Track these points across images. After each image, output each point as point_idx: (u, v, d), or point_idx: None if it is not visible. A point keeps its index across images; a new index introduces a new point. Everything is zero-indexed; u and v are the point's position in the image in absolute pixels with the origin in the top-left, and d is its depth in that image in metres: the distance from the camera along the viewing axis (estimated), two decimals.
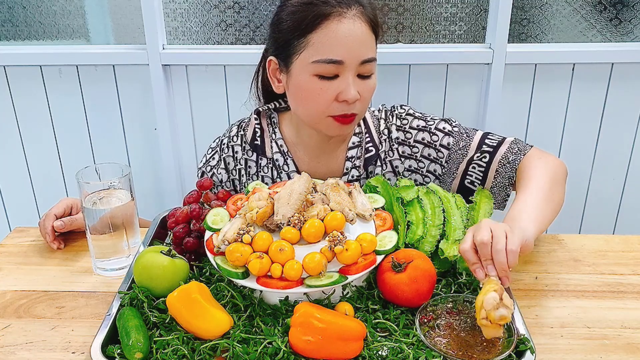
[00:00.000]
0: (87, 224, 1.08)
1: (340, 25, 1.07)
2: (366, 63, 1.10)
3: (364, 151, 1.23)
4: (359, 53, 1.08)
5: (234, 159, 1.28)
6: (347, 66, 1.08)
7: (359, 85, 1.10)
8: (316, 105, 1.12)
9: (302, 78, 1.11)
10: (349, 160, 1.24)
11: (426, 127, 1.22)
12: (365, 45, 1.09)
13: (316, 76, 1.09)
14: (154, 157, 1.93)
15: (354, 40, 1.08)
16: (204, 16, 1.79)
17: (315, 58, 1.08)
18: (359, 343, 0.82)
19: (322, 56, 1.07)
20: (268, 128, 1.26)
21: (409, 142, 1.23)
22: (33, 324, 0.97)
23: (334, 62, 1.07)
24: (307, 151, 1.25)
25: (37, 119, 1.89)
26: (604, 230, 2.01)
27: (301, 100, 1.14)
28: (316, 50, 1.08)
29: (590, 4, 1.76)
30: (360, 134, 1.24)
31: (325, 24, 1.07)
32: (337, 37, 1.07)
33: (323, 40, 1.07)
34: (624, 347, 0.89)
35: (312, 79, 1.09)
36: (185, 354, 0.83)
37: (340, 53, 1.07)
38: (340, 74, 1.09)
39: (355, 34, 1.08)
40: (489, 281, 0.85)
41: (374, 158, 1.23)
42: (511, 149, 1.18)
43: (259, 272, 0.87)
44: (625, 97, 1.82)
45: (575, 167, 1.91)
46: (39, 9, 1.81)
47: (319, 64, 1.08)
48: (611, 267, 1.10)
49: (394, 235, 0.95)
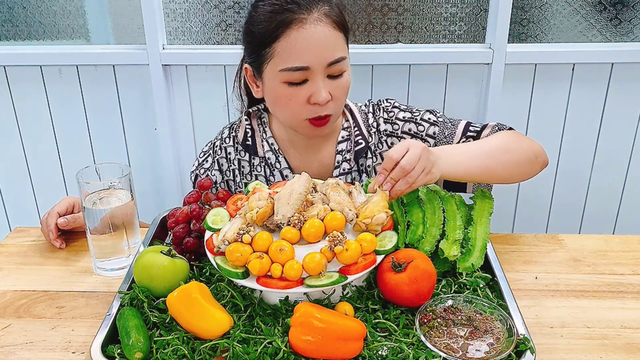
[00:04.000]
0: (87, 224, 1.08)
1: (302, 31, 1.07)
2: (334, 64, 1.10)
3: (354, 144, 1.24)
4: (324, 56, 1.09)
5: (227, 160, 1.29)
6: (314, 70, 1.09)
7: (329, 86, 1.11)
8: (290, 110, 1.13)
9: (273, 86, 1.12)
10: (339, 153, 1.25)
11: (412, 118, 1.24)
12: (330, 47, 1.09)
13: (285, 83, 1.10)
14: (154, 157, 1.93)
15: (317, 44, 1.08)
16: (204, 16, 1.79)
17: (282, 67, 1.09)
18: (359, 343, 0.82)
19: (288, 64, 1.08)
20: (259, 128, 1.28)
21: (397, 133, 1.25)
22: (33, 324, 0.97)
23: (300, 69, 1.08)
24: (297, 148, 1.27)
25: (37, 119, 1.89)
26: (604, 230, 2.01)
27: (276, 106, 1.17)
28: (282, 58, 1.09)
29: (590, 4, 1.76)
30: (348, 128, 1.26)
31: (287, 32, 1.08)
32: (299, 45, 1.08)
33: (287, 49, 1.08)
34: (624, 347, 0.89)
35: (282, 86, 1.11)
36: (185, 354, 0.83)
37: (305, 59, 1.08)
38: (309, 78, 1.10)
39: (318, 38, 1.08)
40: (384, 197, 0.95)
41: (364, 150, 1.24)
42: (493, 130, 1.21)
43: (259, 272, 0.87)
44: (625, 97, 1.82)
45: (575, 167, 1.91)
46: (39, 9, 1.81)
47: (286, 72, 1.09)
48: (611, 267, 1.10)
49: (394, 235, 0.95)
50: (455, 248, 0.99)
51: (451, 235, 1.01)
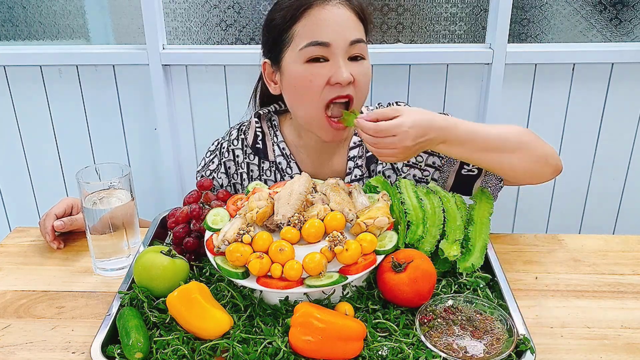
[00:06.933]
0: (87, 224, 1.08)
1: (323, 10, 1.09)
2: (355, 44, 1.10)
3: (366, 150, 1.23)
4: (344, 34, 1.09)
5: (235, 163, 1.27)
6: (335, 48, 1.09)
7: (351, 67, 1.10)
8: (310, 93, 1.11)
9: (293, 68, 1.12)
10: (351, 160, 1.23)
11: None
12: (350, 27, 1.10)
13: (306, 63, 1.10)
14: (154, 157, 1.93)
15: (338, 22, 1.09)
16: (204, 16, 1.79)
17: (303, 44, 1.09)
18: (359, 343, 0.82)
19: (309, 39, 1.09)
20: (269, 131, 1.26)
21: None
22: (33, 324, 0.97)
23: (321, 44, 1.08)
24: (309, 153, 1.25)
25: (37, 119, 1.89)
26: (604, 230, 2.01)
27: (295, 92, 1.14)
28: (302, 37, 1.09)
29: (590, 4, 1.76)
30: None
31: (308, 12, 1.09)
32: (320, 21, 1.09)
33: (308, 27, 1.09)
34: (624, 347, 0.89)
35: (302, 67, 1.10)
36: (185, 354, 0.83)
37: (326, 35, 1.08)
38: (329, 57, 1.10)
39: (339, 16, 1.10)
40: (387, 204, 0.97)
41: (375, 157, 1.23)
42: None
43: (259, 272, 0.87)
44: (625, 97, 1.82)
45: (575, 167, 1.91)
46: (39, 9, 1.81)
47: (307, 48, 1.09)
48: (611, 267, 1.10)
49: (394, 235, 0.95)
50: (455, 248, 0.99)
51: (451, 235, 1.01)
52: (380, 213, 0.93)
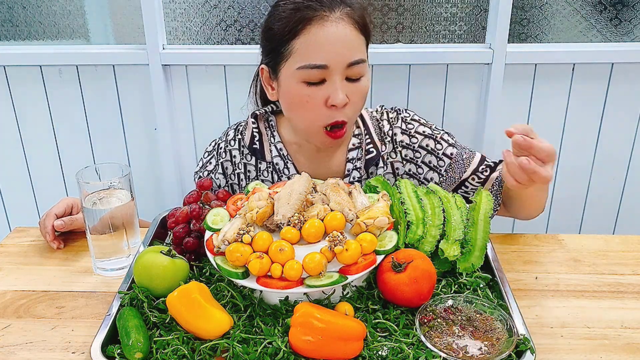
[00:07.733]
0: (87, 224, 1.08)
1: (323, 29, 1.05)
2: (353, 65, 1.07)
3: (365, 152, 1.23)
4: (343, 56, 1.06)
5: (232, 164, 1.27)
6: (333, 70, 1.06)
7: (347, 88, 1.09)
8: (306, 113, 1.11)
9: (290, 85, 1.10)
10: (349, 162, 1.23)
11: (432, 134, 1.23)
12: (350, 47, 1.07)
13: (303, 83, 1.08)
14: (154, 157, 1.93)
15: (337, 43, 1.06)
16: (204, 16, 1.79)
17: (300, 64, 1.06)
18: (359, 343, 0.82)
19: (306, 62, 1.06)
20: (266, 131, 1.25)
21: (414, 146, 1.23)
22: (33, 324, 0.97)
23: (318, 67, 1.06)
24: (307, 154, 1.25)
25: (37, 119, 1.89)
26: (604, 230, 2.01)
27: (292, 108, 1.14)
28: (300, 56, 1.06)
29: (590, 4, 1.76)
30: (359, 135, 1.24)
31: (307, 29, 1.05)
32: (319, 42, 1.05)
33: (306, 46, 1.06)
34: (624, 347, 0.89)
35: (299, 86, 1.08)
36: (185, 354, 0.82)
37: (324, 57, 1.05)
38: (327, 78, 1.07)
39: (339, 36, 1.06)
40: (387, 205, 0.96)
41: (375, 159, 1.22)
42: None
43: (259, 272, 0.87)
44: (625, 97, 1.82)
45: (575, 167, 1.91)
46: (39, 9, 1.81)
47: (304, 69, 1.06)
48: (611, 267, 1.10)
49: (394, 235, 0.95)
50: (455, 248, 0.99)
51: (451, 235, 1.01)
52: (380, 213, 0.93)
